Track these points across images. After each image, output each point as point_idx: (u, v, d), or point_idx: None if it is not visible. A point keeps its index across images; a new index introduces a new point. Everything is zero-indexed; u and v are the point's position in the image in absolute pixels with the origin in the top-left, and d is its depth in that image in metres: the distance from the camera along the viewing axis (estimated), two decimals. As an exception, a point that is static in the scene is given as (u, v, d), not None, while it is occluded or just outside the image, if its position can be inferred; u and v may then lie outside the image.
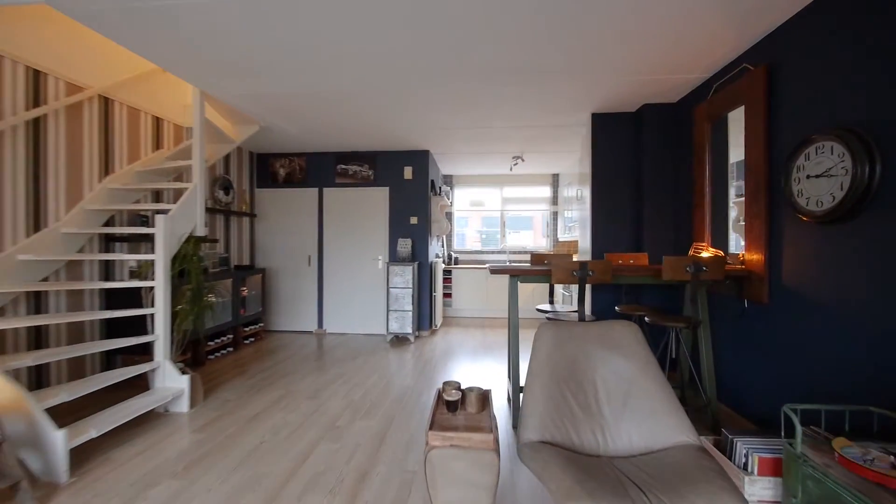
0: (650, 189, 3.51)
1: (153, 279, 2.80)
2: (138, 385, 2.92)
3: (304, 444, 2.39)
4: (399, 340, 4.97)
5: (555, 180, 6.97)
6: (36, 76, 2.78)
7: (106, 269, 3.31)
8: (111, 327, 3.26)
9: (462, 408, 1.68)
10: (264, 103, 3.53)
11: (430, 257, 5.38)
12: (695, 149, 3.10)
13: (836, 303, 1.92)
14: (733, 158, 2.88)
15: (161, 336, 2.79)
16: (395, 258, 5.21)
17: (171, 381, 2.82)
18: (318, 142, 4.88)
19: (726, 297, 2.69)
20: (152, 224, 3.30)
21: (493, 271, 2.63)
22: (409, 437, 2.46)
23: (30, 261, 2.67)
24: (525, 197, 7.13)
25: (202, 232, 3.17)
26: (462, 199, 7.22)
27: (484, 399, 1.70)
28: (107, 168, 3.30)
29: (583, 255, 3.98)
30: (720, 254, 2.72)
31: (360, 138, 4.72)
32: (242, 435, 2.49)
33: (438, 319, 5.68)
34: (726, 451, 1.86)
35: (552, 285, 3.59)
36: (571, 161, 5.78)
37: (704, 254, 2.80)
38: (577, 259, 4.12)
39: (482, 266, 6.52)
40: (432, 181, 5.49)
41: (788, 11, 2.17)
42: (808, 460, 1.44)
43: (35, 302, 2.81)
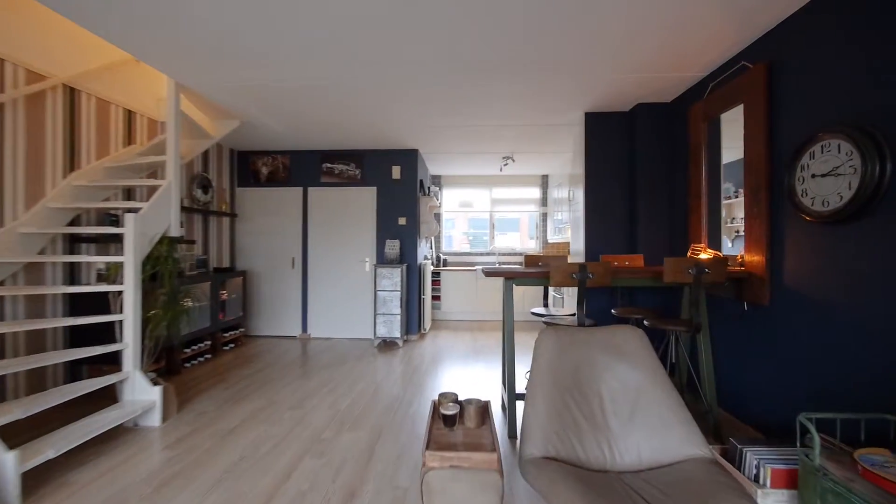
0: (644, 190, 3.45)
1: (122, 283, 2.59)
2: (107, 397, 2.71)
3: (286, 459, 2.22)
4: (387, 345, 4.81)
5: (544, 181, 6.92)
6: (-9, 62, 2.55)
7: (71, 273, 3.07)
8: (76, 335, 3.02)
9: (460, 422, 1.55)
10: (245, 97, 3.35)
11: (419, 259, 5.24)
12: (690, 149, 3.05)
13: (842, 304, 1.86)
14: (725, 160, 2.85)
15: (130, 344, 2.58)
16: (382, 260, 5.05)
17: (142, 393, 2.61)
18: (303, 139, 4.69)
19: (724, 299, 2.63)
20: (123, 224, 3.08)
21: (487, 274, 2.51)
22: (399, 451, 2.32)
23: (-18, 263, 2.44)
24: (514, 198, 7.06)
25: (177, 232, 2.97)
26: (450, 200, 7.10)
27: (483, 412, 1.58)
28: (72, 163, 3.06)
29: (576, 257, 3.90)
30: (719, 255, 2.67)
31: (347, 136, 4.56)
32: (219, 451, 2.31)
33: (427, 323, 5.54)
34: (735, 462, 1.78)
35: (546, 288, 3.50)
36: (561, 162, 5.73)
37: (703, 255, 2.74)
38: (570, 261, 4.04)
39: (471, 268, 6.42)
40: (421, 181, 5.36)
41: (790, 7, 2.12)
42: (828, 473, 1.36)
43: (-11, 308, 2.57)
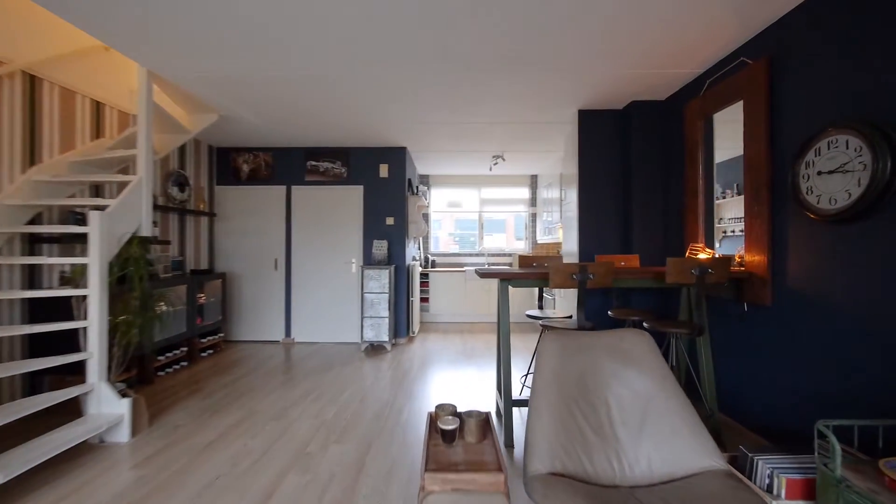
0: (638, 189, 3.39)
1: (87, 286, 2.38)
2: (73, 411, 2.48)
3: (268, 477, 2.06)
4: (375, 349, 4.65)
5: (533, 181, 6.85)
6: (-63, 44, 2.32)
7: (31, 276, 2.83)
8: (36, 344, 2.78)
9: (460, 436, 1.42)
10: (223, 88, 3.16)
11: (407, 260, 5.10)
12: (686, 147, 3.00)
13: (849, 305, 1.80)
14: (718, 159, 2.81)
15: (95, 353, 2.37)
16: (370, 261, 4.89)
17: (108, 406, 2.41)
18: (286, 135, 4.50)
19: (722, 299, 2.57)
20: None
21: (483, 275, 2.40)
22: (390, 464, 2.18)
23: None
24: (503, 198, 6.98)
25: (149, 232, 2.76)
26: (438, 200, 6.97)
27: (485, 426, 1.45)
28: (32, 157, 2.83)
29: (568, 258, 3.82)
30: (717, 255, 2.61)
31: (333, 132, 4.39)
32: (194, 468, 2.13)
33: (416, 326, 5.39)
34: (745, 471, 1.70)
35: (541, 289, 3.40)
36: (551, 162, 5.66)
37: (701, 255, 2.68)
38: (565, 262, 3.95)
39: (460, 269, 6.30)
40: (409, 180, 5.22)
41: (793, 1, 2.06)
42: (851, 485, 1.28)
43: (-66, 315, 2.33)
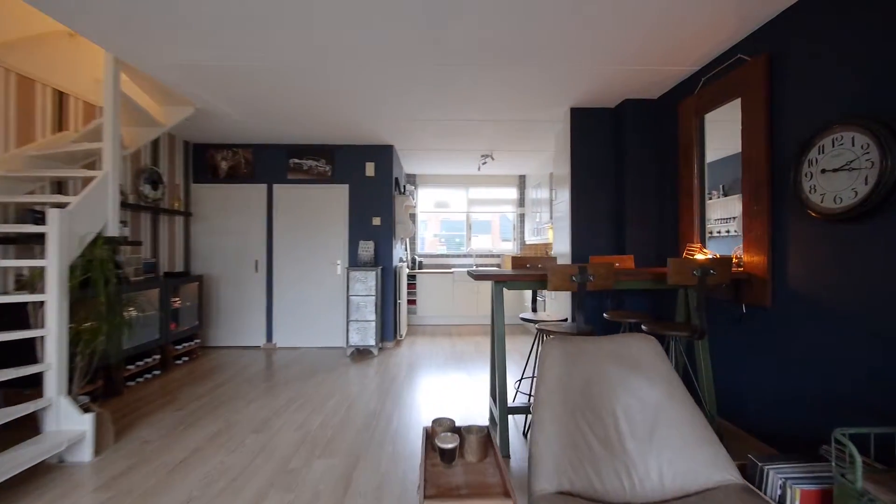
0: (631, 188, 3.34)
1: (46, 292, 2.17)
2: (31, 427, 2.24)
3: (247, 497, 1.89)
4: (361, 354, 4.49)
5: (521, 182, 6.79)
6: None
7: (-18, 279, 2.58)
8: (-12, 353, 2.53)
9: (459, 454, 1.30)
10: (199, 79, 2.96)
11: (395, 261, 4.95)
12: (680, 146, 2.95)
13: (854, 306, 1.76)
14: (709, 158, 2.78)
15: (54, 365, 2.16)
16: (355, 263, 4.72)
17: (69, 423, 2.20)
18: (268, 131, 4.31)
19: (718, 300, 2.52)
20: (48, 221, 2.62)
21: (476, 277, 2.28)
22: (380, 479, 2.04)
23: None
24: (491, 198, 6.89)
25: (116, 232, 2.56)
26: (425, 201, 6.84)
27: (486, 443, 1.33)
28: (-16, 150, 2.59)
29: (561, 259, 3.74)
30: (716, 255, 2.56)
31: (317, 129, 4.22)
32: (164, 490, 1.95)
33: (403, 329, 5.25)
34: (755, 481, 1.63)
35: (535, 292, 3.32)
36: (540, 161, 5.60)
37: (698, 256, 2.63)
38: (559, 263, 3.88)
39: (447, 271, 6.18)
40: (396, 179, 5.07)
41: (794, -4, 2.02)
42: (875, 499, 1.21)
43: None
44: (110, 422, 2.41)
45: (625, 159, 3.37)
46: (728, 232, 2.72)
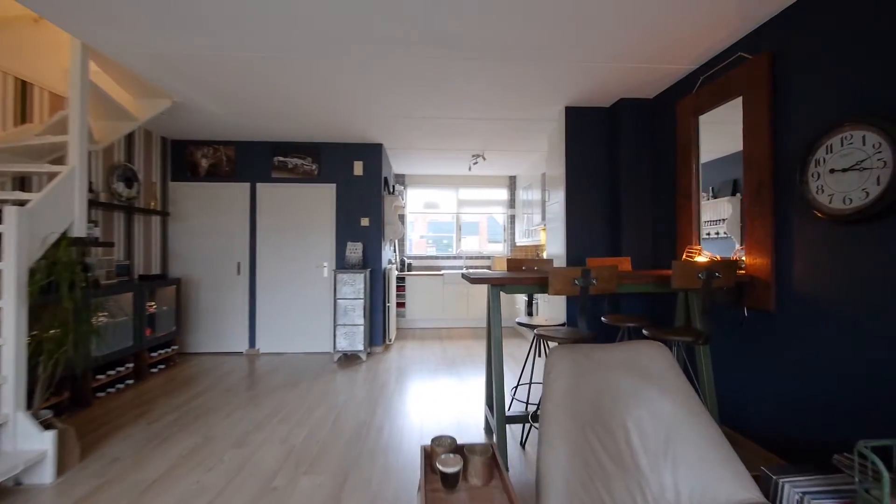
0: (627, 189, 3.28)
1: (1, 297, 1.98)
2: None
3: (225, 521, 1.74)
4: (348, 359, 4.33)
5: (512, 182, 6.72)
6: None
7: (-68, 284, 2.36)
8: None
9: (463, 477, 1.19)
10: (177, 70, 2.78)
11: (384, 263, 4.81)
12: (678, 145, 2.89)
13: (864, 310, 1.70)
14: (703, 159, 2.74)
15: (10, 378, 1.96)
16: (343, 265, 4.56)
17: (27, 441, 2.00)
18: (251, 128, 4.12)
19: (719, 304, 2.47)
20: (8, 221, 2.41)
21: (473, 280, 2.17)
22: (372, 498, 1.91)
23: None
24: (480, 199, 6.80)
25: (83, 232, 2.37)
26: (414, 201, 6.71)
27: (492, 464, 1.22)
28: (-64, 142, 2.37)
29: (556, 261, 3.66)
30: (716, 258, 2.50)
31: (303, 126, 4.06)
32: (134, 514, 1.78)
33: (392, 333, 5.10)
34: (770, 495, 1.55)
35: (531, 295, 3.22)
36: (532, 162, 5.54)
37: (698, 258, 2.57)
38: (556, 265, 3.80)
39: (437, 273, 6.06)
40: (386, 178, 4.94)
41: (798, -8, 1.98)
42: (905, 519, 1.14)
43: None
44: (75, 438, 2.21)
45: (620, 159, 3.31)
46: (717, 234, 2.68)
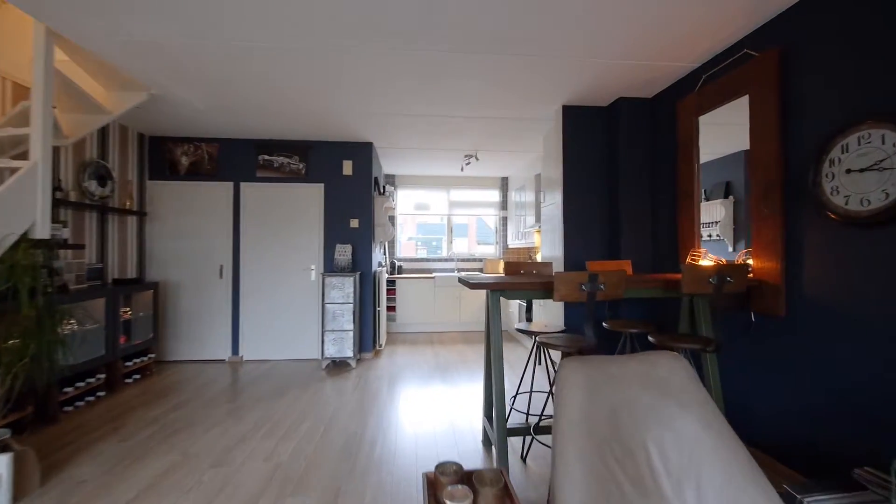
0: (626, 190, 3.20)
1: (-53, 306, 1.78)
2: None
3: (202, 553, 1.58)
4: (337, 366, 4.16)
5: (504, 184, 6.63)
6: None
7: None
8: None
9: (471, 510, 1.06)
10: (154, 60, 2.59)
11: (374, 266, 4.65)
12: (680, 145, 2.82)
13: (882, 316, 1.63)
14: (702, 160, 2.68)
15: (-41, 396, 1.76)
16: (331, 268, 4.39)
17: (-21, 466, 1.80)
18: (235, 124, 3.93)
19: (725, 309, 2.39)
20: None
21: (472, 286, 2.04)
22: (365, 522, 1.76)
23: None
24: (471, 201, 6.69)
25: (46, 233, 2.17)
26: (404, 203, 6.56)
27: (503, 496, 1.09)
28: None
29: (553, 264, 3.56)
30: (722, 262, 2.43)
31: (290, 123, 3.88)
32: (99, 548, 1.60)
33: (383, 338, 4.94)
34: (792, 515, 1.46)
35: (530, 301, 3.11)
36: (525, 163, 5.45)
37: (702, 262, 2.49)
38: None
39: (428, 275, 5.92)
40: (376, 178, 4.78)
41: (809, -14, 1.91)
42: (952, 546, 1.05)
43: None
44: (35, 461, 2.01)
45: (618, 160, 3.23)
46: (710, 236, 2.61)
